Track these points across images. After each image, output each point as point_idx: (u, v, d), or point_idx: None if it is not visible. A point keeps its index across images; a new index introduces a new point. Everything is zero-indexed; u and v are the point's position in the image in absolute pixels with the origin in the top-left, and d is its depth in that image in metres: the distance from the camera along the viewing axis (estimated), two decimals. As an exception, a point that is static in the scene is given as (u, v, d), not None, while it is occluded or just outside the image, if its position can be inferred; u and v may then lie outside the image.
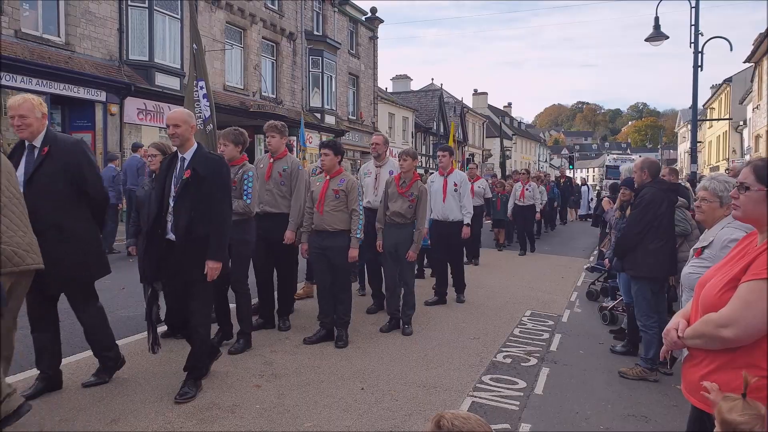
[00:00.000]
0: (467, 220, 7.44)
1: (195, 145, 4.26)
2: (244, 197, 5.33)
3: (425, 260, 9.76)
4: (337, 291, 5.69)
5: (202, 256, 4.09)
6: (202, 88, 6.41)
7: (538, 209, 13.17)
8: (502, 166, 26.12)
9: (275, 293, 6.26)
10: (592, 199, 24.39)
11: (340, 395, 4.42)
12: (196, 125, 4.25)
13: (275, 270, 6.17)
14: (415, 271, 8.30)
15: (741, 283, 2.00)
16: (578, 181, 28.22)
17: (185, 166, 4.16)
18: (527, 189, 13.00)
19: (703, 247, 3.22)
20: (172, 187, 4.16)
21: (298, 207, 5.88)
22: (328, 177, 5.64)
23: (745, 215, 2.17)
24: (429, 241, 7.67)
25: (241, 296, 5.47)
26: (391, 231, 6.25)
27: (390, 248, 6.25)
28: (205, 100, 6.45)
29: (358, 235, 5.58)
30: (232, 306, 5.55)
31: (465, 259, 9.23)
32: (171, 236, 4.15)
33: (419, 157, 36.38)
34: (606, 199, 8.05)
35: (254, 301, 6.16)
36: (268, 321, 6.12)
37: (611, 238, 6.95)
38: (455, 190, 7.39)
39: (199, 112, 6.33)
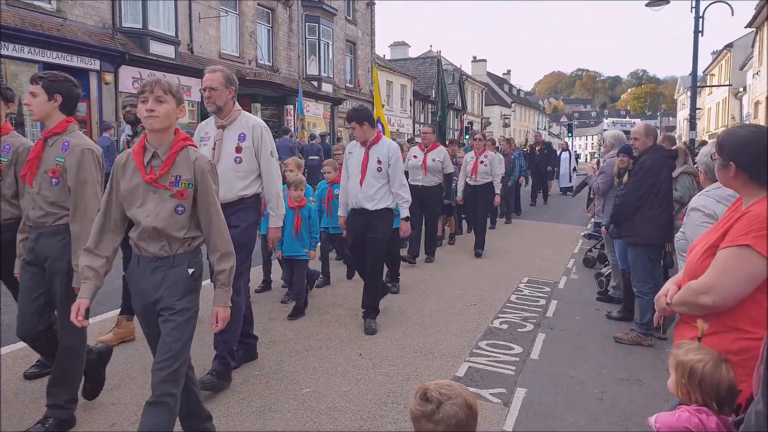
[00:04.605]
0: (405, 212, 5.38)
1: None
2: None
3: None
4: None
5: None
6: None
7: (497, 190, 9.15)
8: (441, 125, 19.46)
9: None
10: (574, 169, 20.84)
11: (338, 361, 4.47)
12: None
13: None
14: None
15: (719, 250, 2.04)
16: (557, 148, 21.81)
17: None
18: (482, 162, 8.98)
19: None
20: None
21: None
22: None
23: (719, 182, 2.27)
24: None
25: None
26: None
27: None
28: None
29: None
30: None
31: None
32: None
33: (415, 127, 35.61)
34: (590, 165, 8.03)
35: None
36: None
37: (596, 203, 6.96)
38: (378, 170, 5.25)
39: None
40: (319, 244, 6.14)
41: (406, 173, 8.08)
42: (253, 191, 4.07)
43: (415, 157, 8.20)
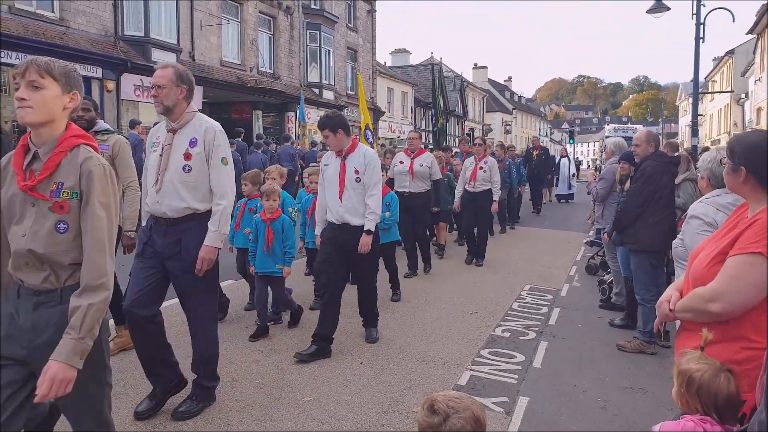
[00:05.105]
0: (369, 225, 4.79)
1: None
2: None
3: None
4: None
5: None
6: None
7: (495, 196, 8.65)
8: (439, 131, 20.09)
9: None
10: (573, 175, 20.12)
11: (339, 369, 4.45)
12: None
13: None
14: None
15: (728, 257, 2.02)
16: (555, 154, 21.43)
17: None
18: (481, 168, 8.56)
19: None
20: None
21: None
22: None
23: (727, 186, 2.25)
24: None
25: None
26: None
27: None
28: None
29: None
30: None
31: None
32: None
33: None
34: (590, 171, 8.03)
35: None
36: None
37: (595, 210, 6.96)
38: (357, 180, 4.80)
39: None
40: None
41: (392, 180, 7.84)
42: (208, 206, 3.56)
43: (401, 162, 7.89)
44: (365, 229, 4.78)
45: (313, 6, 25.12)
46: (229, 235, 5.57)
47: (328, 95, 25.79)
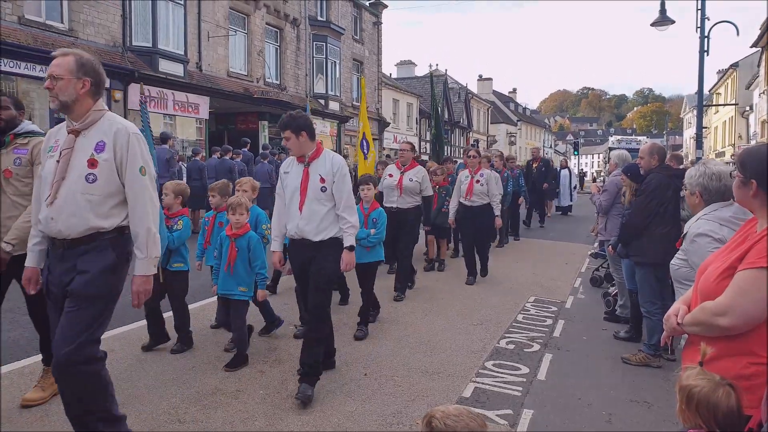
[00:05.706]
0: (350, 240, 4.24)
1: None
2: None
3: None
4: None
5: None
6: None
7: (497, 211, 8.29)
8: (436, 141, 17.51)
9: None
10: (575, 187, 19.55)
11: (343, 381, 4.45)
12: None
13: None
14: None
15: (737, 271, 2.01)
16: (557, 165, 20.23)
17: None
18: (478, 181, 8.14)
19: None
20: None
21: None
22: None
23: (736, 200, 2.24)
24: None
25: None
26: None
27: None
28: None
29: None
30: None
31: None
32: None
33: (422, 144, 35.60)
34: (594, 184, 8.04)
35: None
36: None
37: (598, 222, 6.97)
38: (322, 189, 4.18)
39: None
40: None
41: (381, 194, 7.42)
42: (116, 223, 2.93)
43: (390, 176, 7.49)
44: (346, 245, 4.23)
45: (319, 18, 25.34)
46: (198, 252, 5.30)
47: (333, 106, 25.94)
